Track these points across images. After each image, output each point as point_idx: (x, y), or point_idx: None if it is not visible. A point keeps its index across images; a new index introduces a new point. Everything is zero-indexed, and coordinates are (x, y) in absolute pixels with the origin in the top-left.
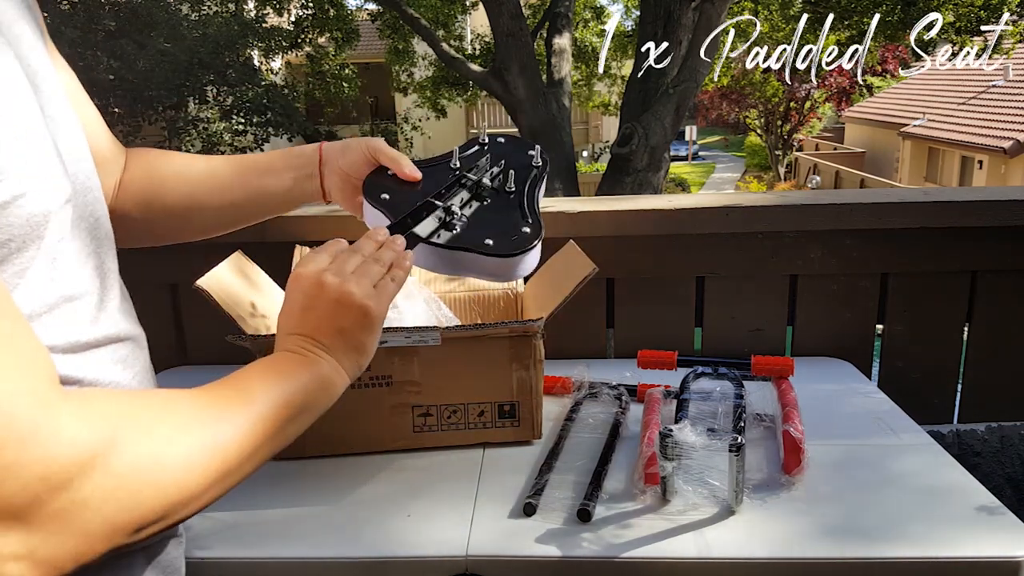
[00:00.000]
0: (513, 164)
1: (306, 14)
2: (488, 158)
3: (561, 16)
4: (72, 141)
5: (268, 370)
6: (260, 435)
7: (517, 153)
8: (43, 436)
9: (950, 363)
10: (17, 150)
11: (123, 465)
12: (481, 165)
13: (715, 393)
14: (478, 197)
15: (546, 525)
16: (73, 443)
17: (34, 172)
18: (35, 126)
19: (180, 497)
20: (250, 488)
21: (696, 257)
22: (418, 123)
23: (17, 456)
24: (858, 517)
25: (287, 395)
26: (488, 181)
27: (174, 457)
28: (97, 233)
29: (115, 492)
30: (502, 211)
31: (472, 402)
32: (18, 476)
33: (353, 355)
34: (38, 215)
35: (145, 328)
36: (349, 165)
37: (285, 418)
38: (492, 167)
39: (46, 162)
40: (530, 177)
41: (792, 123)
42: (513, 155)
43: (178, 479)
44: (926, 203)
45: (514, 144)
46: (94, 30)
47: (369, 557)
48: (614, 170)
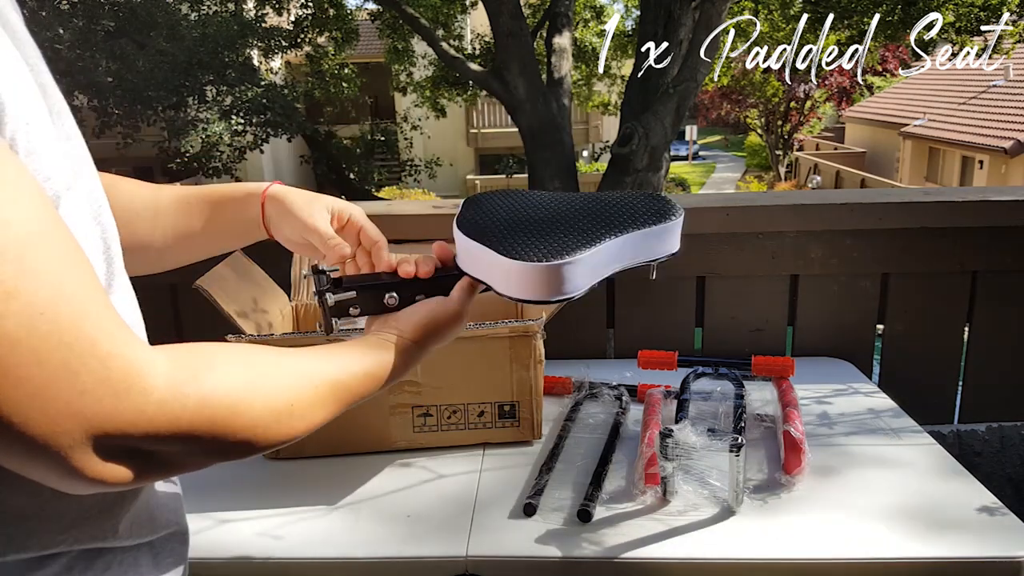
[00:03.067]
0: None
1: (305, 14)
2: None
3: (561, 16)
4: (67, 132)
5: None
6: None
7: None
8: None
9: (950, 363)
10: (26, 132)
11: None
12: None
13: (715, 393)
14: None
15: (546, 525)
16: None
17: (39, 156)
18: (39, 111)
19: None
20: (250, 488)
21: (696, 257)
22: (418, 123)
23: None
24: (858, 517)
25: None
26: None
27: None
28: (102, 218)
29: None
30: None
31: (472, 402)
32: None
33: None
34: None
35: (145, 328)
36: (281, 237)
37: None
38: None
39: (51, 148)
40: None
41: (792, 123)
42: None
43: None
44: (926, 203)
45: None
46: (93, 30)
47: (369, 557)
48: (614, 170)
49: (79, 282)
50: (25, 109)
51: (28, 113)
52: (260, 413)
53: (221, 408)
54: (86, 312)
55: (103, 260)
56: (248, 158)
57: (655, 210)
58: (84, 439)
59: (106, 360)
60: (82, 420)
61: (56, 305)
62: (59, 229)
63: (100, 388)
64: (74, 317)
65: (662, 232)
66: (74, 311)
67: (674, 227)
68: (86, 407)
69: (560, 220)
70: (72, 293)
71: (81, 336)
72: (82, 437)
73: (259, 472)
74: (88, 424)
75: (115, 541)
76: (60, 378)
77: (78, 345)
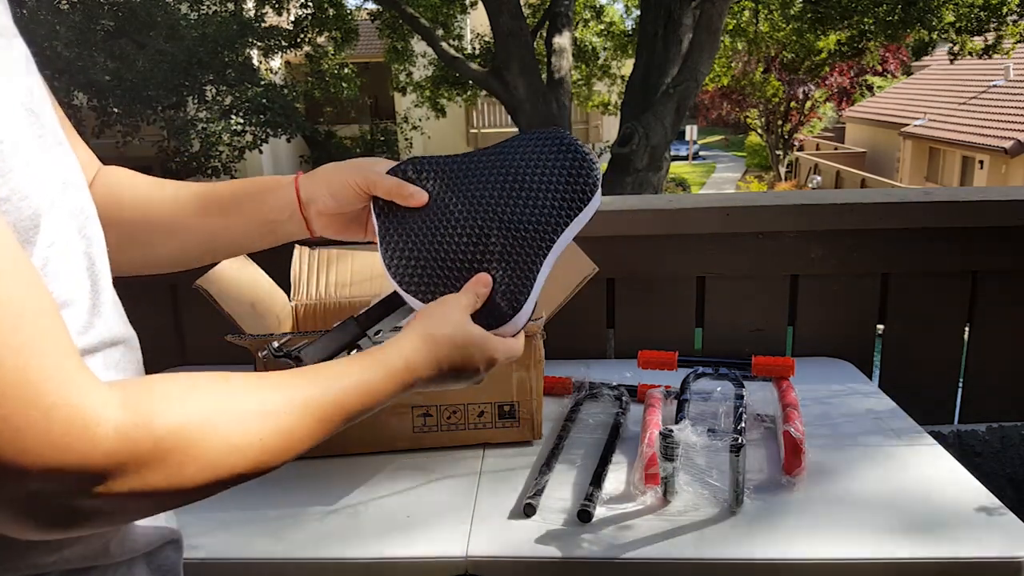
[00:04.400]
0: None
1: (305, 13)
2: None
3: (561, 16)
4: (56, 136)
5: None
6: (315, 403)
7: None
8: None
9: (950, 363)
10: (3, 152)
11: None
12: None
13: (716, 393)
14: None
15: (546, 526)
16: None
17: (17, 174)
18: (20, 124)
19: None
20: (250, 488)
21: (696, 257)
22: (418, 122)
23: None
24: (858, 517)
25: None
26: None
27: (227, 421)
28: (88, 232)
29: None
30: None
31: (472, 402)
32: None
33: (435, 379)
34: (26, 219)
35: (145, 328)
36: (339, 205)
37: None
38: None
39: (32, 161)
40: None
41: (793, 123)
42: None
43: (232, 440)
44: (926, 203)
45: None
46: (93, 30)
47: (369, 558)
48: (614, 170)
49: (31, 326)
50: (1, 127)
51: (3, 131)
52: (219, 450)
53: (175, 451)
54: (30, 362)
55: (87, 276)
56: (247, 158)
57: (572, 186)
58: (28, 495)
59: (50, 412)
60: (25, 478)
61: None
62: (15, 268)
63: (42, 443)
64: (19, 368)
65: (587, 214)
66: (19, 361)
67: (596, 200)
68: (29, 464)
69: (488, 254)
70: (20, 342)
71: (25, 388)
72: (25, 494)
73: None
74: (31, 481)
75: (106, 559)
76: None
77: (19, 399)
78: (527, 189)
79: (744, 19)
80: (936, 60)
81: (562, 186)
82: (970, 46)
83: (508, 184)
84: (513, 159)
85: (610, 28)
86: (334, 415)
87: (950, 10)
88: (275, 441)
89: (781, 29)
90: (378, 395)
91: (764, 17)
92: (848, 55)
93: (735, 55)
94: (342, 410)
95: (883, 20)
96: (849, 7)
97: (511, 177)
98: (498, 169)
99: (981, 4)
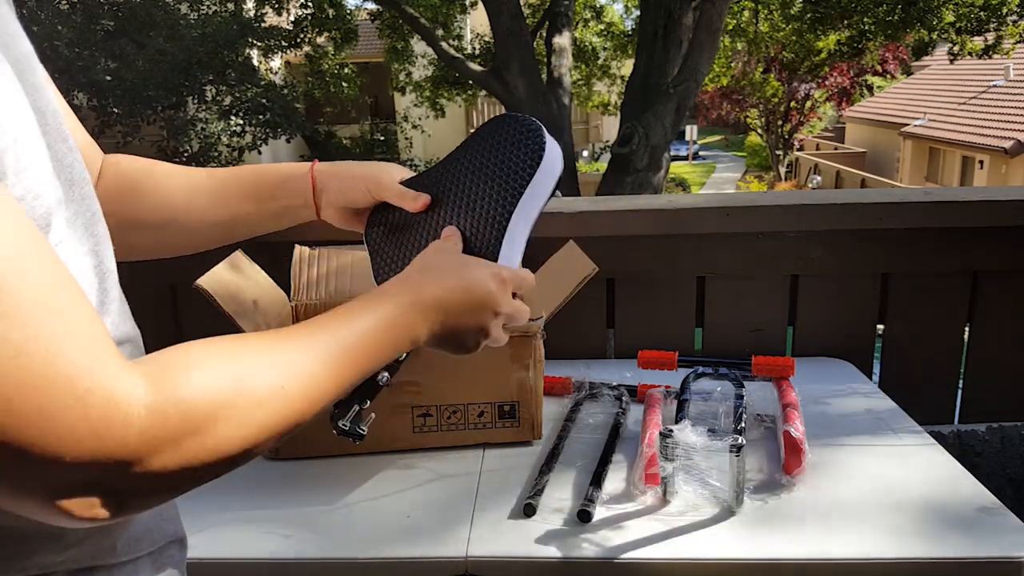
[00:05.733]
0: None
1: (305, 14)
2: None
3: (561, 16)
4: (61, 133)
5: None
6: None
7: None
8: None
9: (950, 363)
10: (15, 151)
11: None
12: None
13: (716, 393)
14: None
15: (546, 526)
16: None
17: (31, 172)
18: (27, 121)
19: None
20: (250, 488)
21: (696, 257)
22: (418, 122)
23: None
24: (858, 517)
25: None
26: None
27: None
28: (94, 230)
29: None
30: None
31: (472, 402)
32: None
33: (437, 333)
34: (39, 218)
35: (145, 328)
36: (349, 201)
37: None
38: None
39: (41, 160)
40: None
41: (793, 123)
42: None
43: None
44: (926, 203)
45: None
46: (93, 30)
47: (369, 557)
48: (614, 170)
49: (59, 315)
50: (14, 125)
51: (17, 128)
52: (246, 407)
53: (206, 418)
54: (62, 350)
55: (95, 275)
56: (247, 158)
57: (524, 149)
58: (66, 484)
59: (85, 398)
60: (66, 466)
61: (29, 348)
62: (40, 256)
63: (80, 430)
64: (49, 357)
65: (549, 167)
66: (50, 351)
67: (552, 149)
68: (66, 452)
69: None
70: (49, 332)
71: (57, 378)
72: (63, 483)
73: (259, 472)
74: (70, 467)
75: (113, 558)
76: (35, 425)
77: (54, 388)
78: (488, 174)
79: (744, 19)
80: (936, 60)
81: (513, 154)
82: (970, 46)
83: (471, 177)
84: (470, 157)
85: (610, 28)
86: (356, 355)
87: (950, 10)
88: (298, 388)
89: (781, 29)
90: (395, 328)
91: (764, 17)
92: (848, 55)
93: (735, 55)
94: (363, 348)
95: (883, 20)
96: (849, 7)
97: (473, 169)
98: (459, 170)
99: (981, 4)
